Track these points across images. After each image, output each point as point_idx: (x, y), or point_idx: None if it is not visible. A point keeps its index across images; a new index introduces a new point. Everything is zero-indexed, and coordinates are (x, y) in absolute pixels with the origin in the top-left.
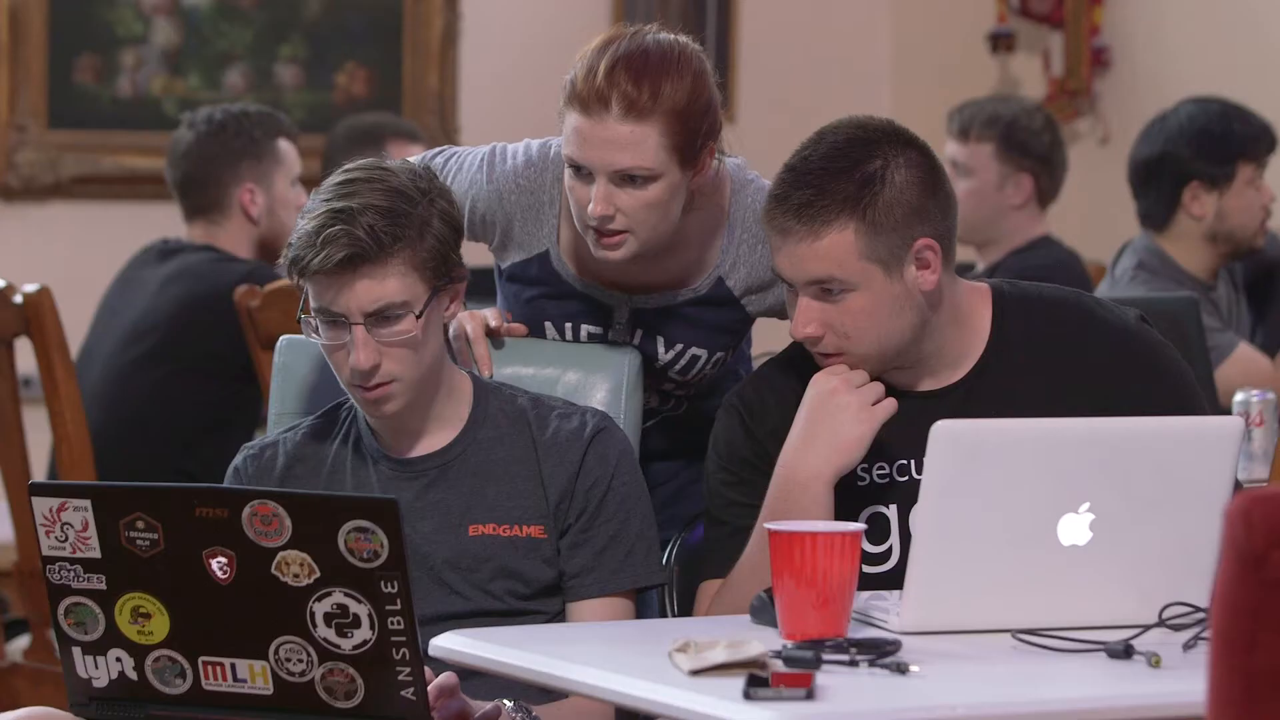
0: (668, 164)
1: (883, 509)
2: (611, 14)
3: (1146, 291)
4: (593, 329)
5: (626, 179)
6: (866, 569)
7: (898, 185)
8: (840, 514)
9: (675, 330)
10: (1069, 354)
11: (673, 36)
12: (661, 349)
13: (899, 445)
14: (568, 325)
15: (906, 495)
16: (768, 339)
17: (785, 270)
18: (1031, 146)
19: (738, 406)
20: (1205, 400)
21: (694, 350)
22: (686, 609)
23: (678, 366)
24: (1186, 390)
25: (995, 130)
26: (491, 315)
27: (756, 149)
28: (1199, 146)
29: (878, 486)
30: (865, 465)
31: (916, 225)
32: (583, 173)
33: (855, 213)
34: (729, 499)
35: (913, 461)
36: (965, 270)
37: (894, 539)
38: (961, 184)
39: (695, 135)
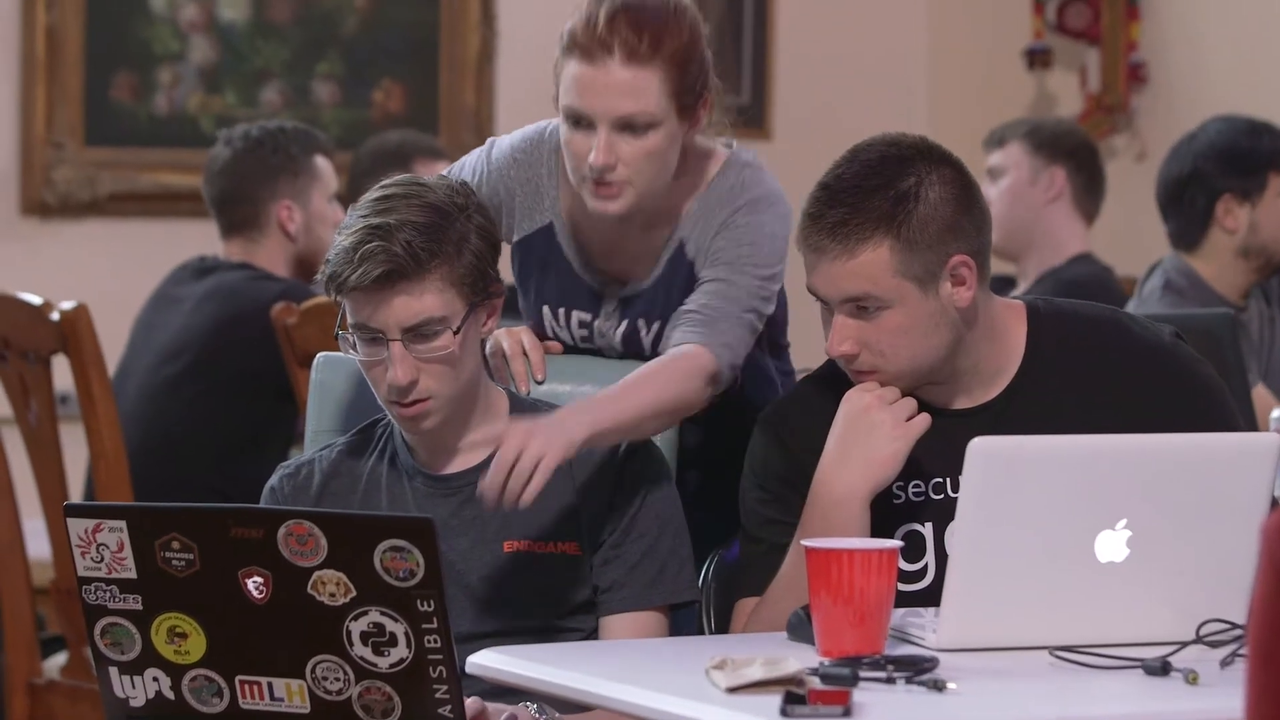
0: (668, 111)
1: (918, 527)
2: None
3: (1173, 311)
4: (582, 315)
5: (627, 126)
6: (902, 587)
7: (932, 202)
8: (876, 532)
9: (653, 311)
10: (1104, 371)
11: None
12: (643, 331)
13: (934, 463)
14: (560, 311)
15: (942, 513)
16: (807, 356)
17: (820, 288)
18: (1060, 141)
19: (774, 423)
20: (1241, 416)
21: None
22: (724, 626)
23: (654, 341)
24: (1222, 407)
25: (1024, 129)
26: (528, 333)
27: (792, 166)
28: (1229, 160)
29: (913, 504)
30: (901, 483)
31: (951, 242)
32: (582, 123)
33: (890, 230)
34: (765, 516)
35: (948, 479)
36: (1006, 285)
37: (929, 557)
38: (996, 188)
39: (693, 85)
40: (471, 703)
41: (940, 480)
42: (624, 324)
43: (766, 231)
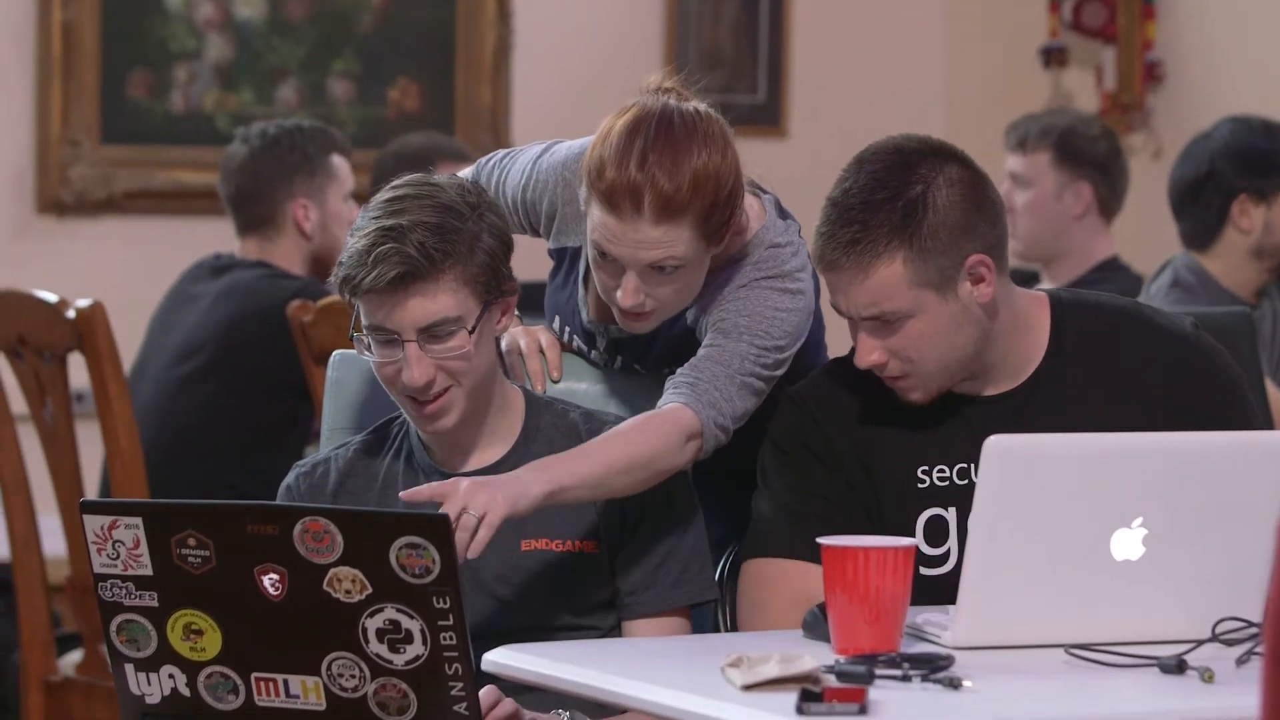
0: (699, 251)
1: (941, 511)
2: (664, 28)
3: (1189, 308)
4: (581, 344)
5: (657, 269)
6: (924, 571)
7: (940, 207)
8: (899, 516)
9: (654, 360)
10: (1125, 360)
11: (693, 110)
12: (640, 371)
13: (959, 449)
14: (566, 329)
15: (965, 498)
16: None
17: (840, 304)
18: (1088, 154)
19: (805, 398)
20: (1258, 407)
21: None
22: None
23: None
24: (1241, 397)
25: (1051, 139)
26: (545, 332)
27: (808, 165)
28: (1246, 160)
29: (937, 489)
30: (925, 468)
31: (965, 243)
32: (609, 259)
33: (902, 243)
34: (783, 480)
35: (972, 465)
36: (1030, 280)
37: (952, 542)
38: (1020, 196)
39: (723, 219)
40: (507, 703)
41: (964, 466)
42: (618, 361)
43: (769, 304)
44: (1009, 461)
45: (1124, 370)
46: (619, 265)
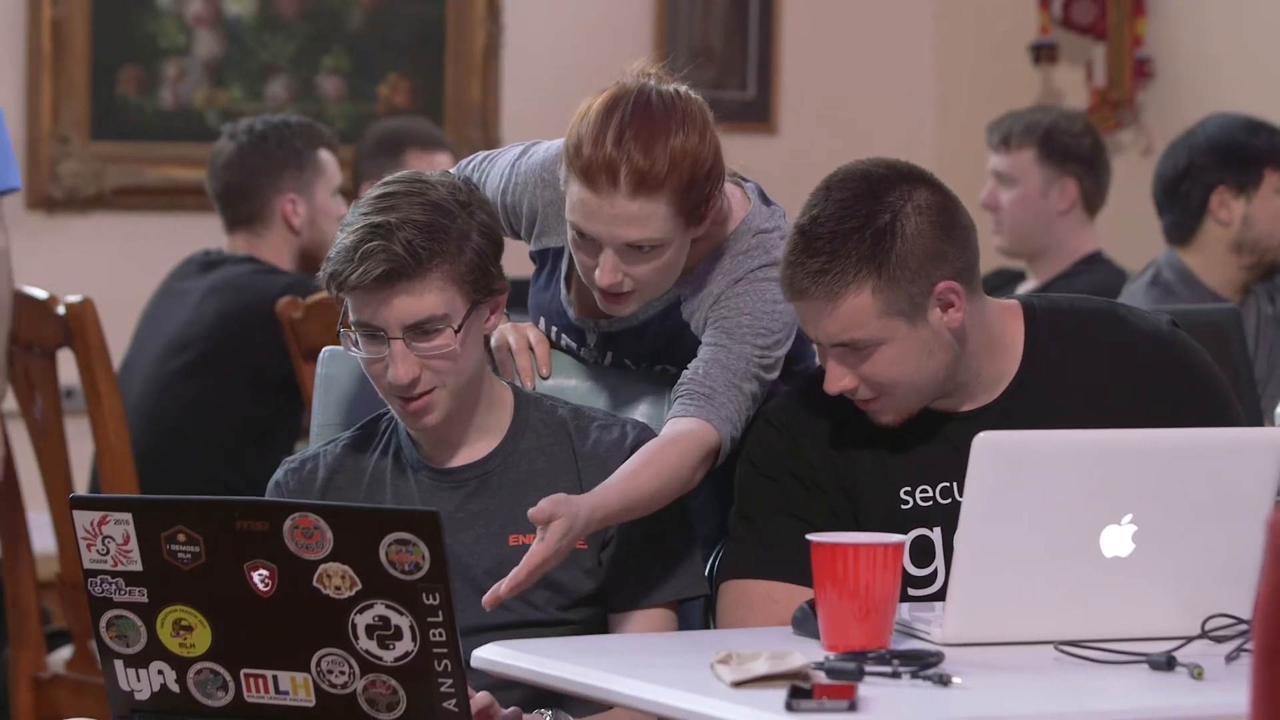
0: (676, 230)
1: (926, 532)
2: (654, 24)
3: (1176, 306)
4: (570, 342)
5: (634, 248)
6: (911, 592)
7: (909, 235)
8: None
9: (645, 355)
10: (1102, 363)
11: (673, 90)
12: (630, 366)
13: (941, 467)
14: (553, 329)
15: (950, 518)
16: None
17: (810, 332)
18: (1073, 149)
19: (780, 419)
20: (1238, 404)
21: (667, 366)
22: None
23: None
24: (1219, 394)
25: (1034, 136)
26: (534, 329)
27: (798, 162)
28: (1226, 154)
29: (921, 509)
30: (908, 488)
31: (934, 270)
32: (588, 238)
33: (871, 272)
34: (765, 502)
35: (955, 484)
36: (1017, 279)
37: (938, 562)
38: (1006, 194)
39: (701, 197)
40: (481, 696)
41: (947, 485)
42: (609, 357)
43: (768, 298)
44: (999, 458)
45: (1101, 373)
46: (597, 244)
